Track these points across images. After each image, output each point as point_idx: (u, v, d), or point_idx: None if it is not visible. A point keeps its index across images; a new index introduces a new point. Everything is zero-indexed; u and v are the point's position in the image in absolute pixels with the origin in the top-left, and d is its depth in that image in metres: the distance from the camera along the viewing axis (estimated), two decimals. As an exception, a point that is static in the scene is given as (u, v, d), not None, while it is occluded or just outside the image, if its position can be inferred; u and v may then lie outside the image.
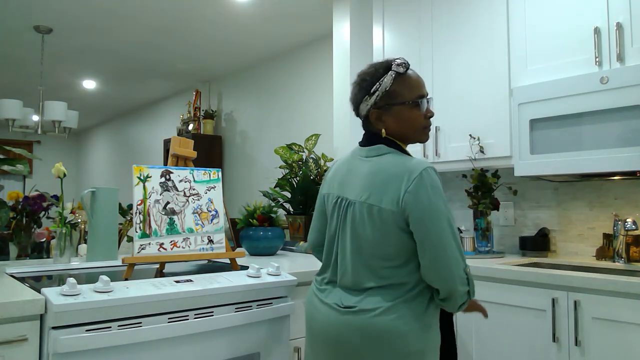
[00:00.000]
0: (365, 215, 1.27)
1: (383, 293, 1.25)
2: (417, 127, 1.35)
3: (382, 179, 1.27)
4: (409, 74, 1.35)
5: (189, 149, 1.92)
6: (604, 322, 1.70)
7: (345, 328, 1.25)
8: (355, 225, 1.30)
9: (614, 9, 2.01)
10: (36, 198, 2.32)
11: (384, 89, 1.32)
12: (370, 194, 1.27)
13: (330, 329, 1.29)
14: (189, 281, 1.56)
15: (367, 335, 1.22)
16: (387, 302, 1.23)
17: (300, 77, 4.45)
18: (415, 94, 1.34)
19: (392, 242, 1.25)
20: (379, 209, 1.25)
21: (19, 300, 1.25)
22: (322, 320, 1.32)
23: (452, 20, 2.58)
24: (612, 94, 1.94)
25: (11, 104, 3.92)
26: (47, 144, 8.98)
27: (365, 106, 1.36)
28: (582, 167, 2.01)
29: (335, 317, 1.28)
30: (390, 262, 1.26)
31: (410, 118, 1.34)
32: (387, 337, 1.21)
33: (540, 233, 2.47)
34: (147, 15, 3.73)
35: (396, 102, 1.33)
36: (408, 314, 1.23)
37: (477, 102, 2.46)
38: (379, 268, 1.26)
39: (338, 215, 1.37)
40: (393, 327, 1.21)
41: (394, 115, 1.34)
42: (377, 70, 1.35)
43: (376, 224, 1.25)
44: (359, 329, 1.23)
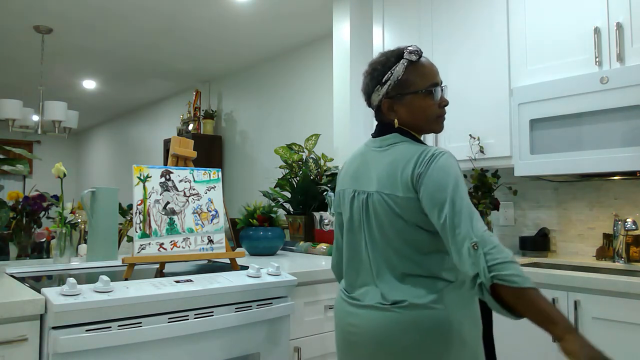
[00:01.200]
0: (387, 206, 1.23)
1: (427, 282, 1.20)
2: (430, 117, 1.30)
3: (396, 166, 1.23)
4: (422, 61, 1.31)
5: (189, 149, 1.92)
6: (604, 322, 1.70)
7: (396, 325, 1.18)
8: (379, 217, 1.25)
9: (614, 9, 2.01)
10: (36, 198, 2.32)
11: (396, 78, 1.28)
12: (388, 183, 1.23)
13: (377, 331, 1.21)
14: (189, 281, 1.56)
15: (422, 329, 1.16)
16: (434, 291, 1.19)
17: (300, 77, 4.45)
18: (428, 82, 1.29)
19: (417, 229, 1.21)
20: (398, 197, 1.21)
21: (19, 300, 1.25)
22: (365, 326, 1.23)
23: (452, 20, 2.58)
24: (612, 94, 1.94)
25: (11, 104, 3.92)
26: (47, 144, 8.98)
27: (377, 96, 1.32)
28: (582, 167, 2.01)
29: (382, 316, 1.21)
30: (424, 248, 1.21)
31: (423, 107, 1.29)
32: (442, 329, 1.16)
33: (540, 233, 2.47)
34: (147, 15, 3.73)
35: (408, 92, 1.29)
36: (459, 303, 1.19)
37: (477, 102, 2.46)
38: (416, 256, 1.21)
39: (359, 210, 1.32)
40: (446, 317, 1.16)
41: (406, 104, 1.30)
42: (389, 59, 1.31)
43: (399, 213, 1.21)
44: (412, 324, 1.17)
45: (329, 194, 2.78)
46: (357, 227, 1.33)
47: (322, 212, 2.76)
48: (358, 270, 1.33)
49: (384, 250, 1.26)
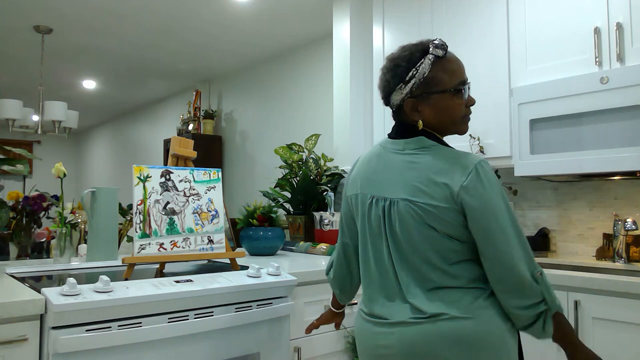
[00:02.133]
0: (417, 215, 1.13)
1: (464, 292, 1.12)
2: (457, 118, 1.21)
3: (429, 175, 1.13)
4: (449, 57, 1.20)
5: (189, 149, 1.92)
6: (604, 322, 1.70)
7: (437, 339, 1.09)
8: (407, 226, 1.15)
9: (614, 9, 2.01)
10: (36, 198, 2.33)
11: (422, 75, 1.17)
12: (420, 192, 1.13)
13: (416, 347, 1.10)
14: (189, 281, 1.56)
15: (467, 343, 1.08)
16: (473, 300, 1.10)
17: (300, 77, 4.45)
18: (456, 80, 1.19)
19: (449, 238, 1.13)
20: (432, 206, 1.11)
21: (19, 300, 1.25)
22: (401, 344, 1.12)
23: (452, 20, 2.58)
24: (612, 94, 1.94)
25: (11, 104, 3.92)
26: (47, 144, 8.98)
27: (399, 95, 1.20)
28: (582, 167, 2.01)
29: (420, 331, 1.11)
30: (454, 257, 1.13)
31: (451, 107, 1.19)
32: (487, 340, 1.08)
33: (540, 233, 2.47)
34: (147, 15, 3.73)
35: (435, 91, 1.18)
36: (498, 310, 1.11)
37: (477, 102, 2.45)
38: (447, 266, 1.13)
39: (379, 218, 1.21)
40: (490, 327, 1.09)
41: (432, 104, 1.19)
42: (413, 54, 1.20)
43: (431, 222, 1.12)
44: (456, 339, 1.08)
45: (329, 194, 2.78)
46: (377, 237, 1.22)
47: (322, 212, 2.76)
48: (379, 285, 1.21)
49: (411, 262, 1.16)
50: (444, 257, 1.14)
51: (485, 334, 1.09)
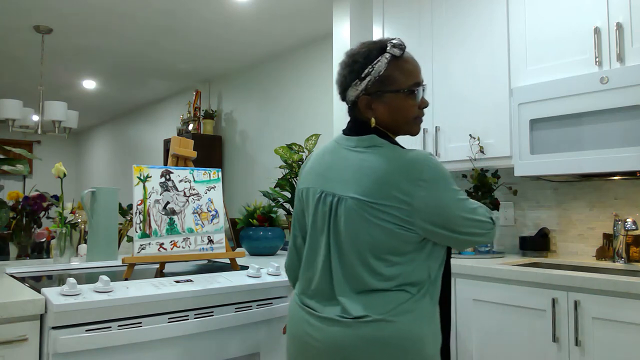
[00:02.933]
0: (361, 213, 1.14)
1: (391, 295, 1.14)
2: (409, 118, 1.22)
3: (381, 174, 1.14)
4: (406, 57, 1.21)
5: (189, 149, 1.92)
6: (604, 322, 1.70)
7: (359, 341, 1.12)
8: (349, 224, 1.16)
9: (614, 9, 2.01)
10: (36, 198, 2.33)
11: (377, 73, 1.18)
12: (367, 190, 1.14)
13: (339, 347, 1.13)
14: (189, 281, 1.56)
15: (385, 345, 1.11)
16: (396, 305, 1.13)
17: (300, 77, 4.45)
18: (411, 81, 1.20)
19: (394, 240, 1.13)
20: (379, 205, 1.12)
21: (19, 300, 1.25)
22: (326, 340, 1.15)
23: (452, 20, 2.58)
24: (612, 94, 1.94)
25: (11, 104, 3.92)
26: (47, 144, 8.98)
27: (355, 91, 1.22)
28: (582, 167, 2.01)
29: (342, 332, 1.13)
30: (393, 259, 1.15)
31: (404, 107, 1.21)
32: (405, 344, 1.11)
33: (540, 233, 2.46)
34: (147, 15, 3.73)
35: (390, 89, 1.19)
36: (421, 315, 1.14)
37: (477, 102, 2.46)
38: (382, 268, 1.14)
39: (324, 213, 1.22)
40: (409, 331, 1.12)
41: (385, 103, 1.20)
42: (371, 52, 1.20)
43: (375, 222, 1.13)
44: (375, 341, 1.11)
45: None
46: (320, 232, 1.23)
47: (322, 212, 2.76)
48: (314, 277, 1.23)
49: (349, 260, 1.17)
50: (381, 259, 1.15)
51: (404, 338, 1.11)
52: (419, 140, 2.68)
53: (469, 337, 2.09)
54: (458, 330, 2.13)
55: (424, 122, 2.66)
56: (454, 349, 2.13)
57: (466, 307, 2.09)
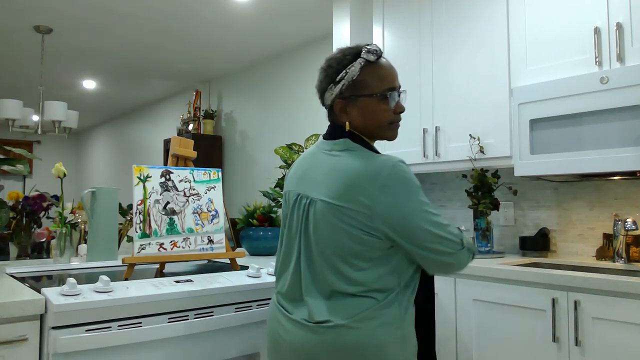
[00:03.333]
0: (329, 216, 1.15)
1: (356, 301, 1.13)
2: (382, 122, 1.23)
3: (349, 179, 1.14)
4: (381, 63, 1.23)
5: (189, 149, 1.92)
6: (604, 322, 1.70)
7: (319, 346, 1.13)
8: (318, 226, 1.17)
9: (614, 9, 2.01)
10: (36, 198, 2.33)
11: (351, 77, 1.21)
12: (335, 193, 1.15)
13: (301, 350, 1.16)
14: (189, 281, 1.56)
15: (345, 351, 1.11)
16: (359, 311, 1.12)
17: (300, 77, 4.45)
18: (384, 86, 1.22)
19: (360, 244, 1.13)
20: (346, 209, 1.13)
21: (19, 300, 1.25)
22: (291, 342, 1.18)
23: (452, 20, 2.58)
24: (612, 94, 1.94)
25: (11, 104, 3.92)
26: (47, 144, 8.98)
27: (330, 95, 1.25)
28: (582, 167, 2.01)
29: (306, 335, 1.15)
30: (360, 264, 1.14)
31: (377, 112, 1.22)
32: (365, 351, 1.11)
33: (540, 233, 2.46)
34: (148, 15, 3.73)
35: (362, 94, 1.21)
36: (386, 322, 1.13)
37: (477, 102, 2.46)
38: (349, 272, 1.14)
39: (299, 215, 1.23)
40: (371, 338, 1.11)
41: (359, 107, 1.22)
42: (345, 57, 1.23)
43: (341, 225, 1.14)
44: (335, 347, 1.12)
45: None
46: (294, 234, 1.25)
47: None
48: (287, 279, 1.26)
49: (317, 263, 1.18)
50: (348, 263, 1.15)
51: (364, 345, 1.11)
52: (419, 140, 2.68)
53: (469, 337, 2.09)
54: (458, 330, 2.13)
55: (424, 121, 2.67)
56: (453, 349, 2.13)
57: (466, 307, 2.09)
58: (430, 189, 3.05)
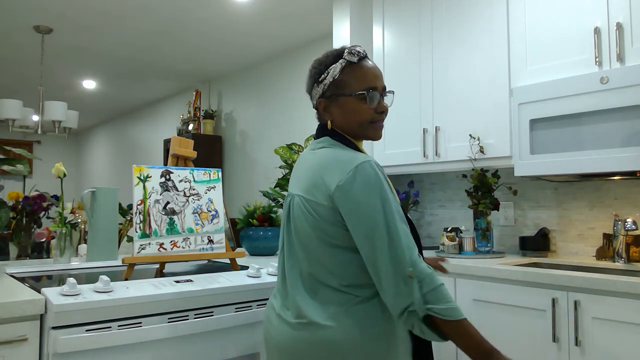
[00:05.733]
0: (307, 211, 1.19)
1: (337, 296, 1.16)
2: (362, 121, 1.25)
3: (317, 172, 1.20)
4: (363, 64, 1.26)
5: (189, 149, 1.92)
6: (604, 322, 1.70)
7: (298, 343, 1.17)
8: (298, 222, 1.22)
9: (614, 9, 2.01)
10: (36, 198, 2.33)
11: (332, 77, 1.25)
12: (305, 186, 1.21)
13: (281, 346, 1.21)
14: (189, 281, 1.56)
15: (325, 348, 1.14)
16: (341, 306, 1.15)
17: (300, 77, 4.44)
18: (363, 85, 1.24)
19: (330, 236, 1.16)
20: (315, 204, 1.17)
21: (19, 300, 1.25)
22: (277, 338, 1.23)
23: (452, 20, 2.58)
24: (612, 94, 1.94)
25: (11, 104, 3.92)
26: (47, 144, 8.98)
27: (315, 95, 1.30)
28: (582, 167, 2.01)
29: (289, 332, 1.19)
30: (336, 255, 1.17)
31: (356, 111, 1.25)
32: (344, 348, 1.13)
33: (540, 233, 2.47)
34: (148, 15, 3.73)
35: (342, 93, 1.25)
36: (365, 319, 1.15)
37: (477, 102, 2.46)
38: (327, 262, 1.17)
39: (284, 213, 1.31)
40: (349, 336, 1.13)
41: (340, 106, 1.26)
42: (328, 58, 1.28)
43: (311, 217, 1.18)
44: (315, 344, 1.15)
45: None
46: (282, 231, 1.31)
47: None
48: (279, 275, 1.31)
49: (298, 258, 1.23)
50: (326, 253, 1.17)
51: (343, 342, 1.13)
52: (419, 140, 2.68)
53: (469, 337, 2.08)
54: (458, 330, 2.12)
55: (424, 121, 2.67)
56: (453, 349, 2.13)
57: (466, 307, 2.09)
58: (430, 189, 3.05)
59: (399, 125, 2.77)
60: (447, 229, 2.52)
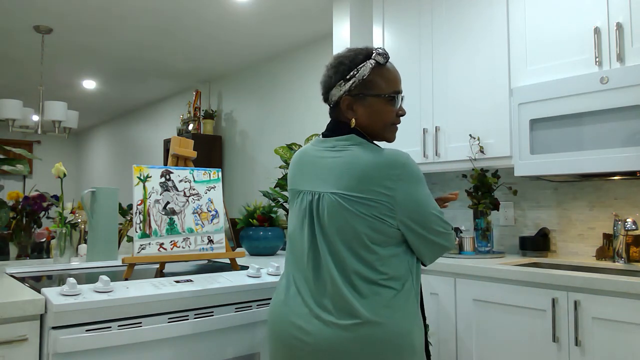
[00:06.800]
0: (343, 206, 1.20)
1: (380, 291, 1.18)
2: (386, 123, 1.30)
3: (364, 170, 1.19)
4: (388, 66, 1.30)
5: (189, 149, 1.92)
6: (604, 322, 1.70)
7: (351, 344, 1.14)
8: (334, 217, 1.21)
9: (614, 9, 2.01)
10: (36, 198, 2.33)
11: (361, 76, 1.26)
12: (349, 185, 1.20)
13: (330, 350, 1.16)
14: (189, 281, 1.56)
15: (379, 345, 1.14)
16: (386, 302, 1.17)
17: (300, 77, 4.45)
18: (391, 88, 1.29)
19: (374, 231, 1.19)
20: (366, 200, 1.18)
21: (19, 300, 1.25)
22: (316, 342, 1.17)
23: (452, 20, 2.58)
24: (612, 94, 1.94)
25: (11, 104, 3.92)
26: (47, 144, 8.98)
27: (338, 91, 1.29)
28: (582, 167, 2.02)
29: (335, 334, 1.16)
30: (377, 250, 1.19)
31: (382, 112, 1.28)
32: (397, 342, 1.16)
33: (540, 233, 2.47)
34: (148, 15, 3.73)
35: (371, 93, 1.27)
36: (408, 312, 1.20)
37: (477, 102, 2.46)
38: (369, 257, 1.19)
39: (304, 211, 1.28)
40: (399, 329, 1.16)
41: (366, 106, 1.28)
42: (357, 56, 1.29)
43: (357, 214, 1.19)
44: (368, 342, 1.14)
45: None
46: (300, 229, 1.29)
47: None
48: (303, 276, 1.27)
49: (339, 256, 1.21)
50: (368, 248, 1.20)
51: (395, 337, 1.16)
52: (419, 140, 2.68)
53: (469, 337, 2.09)
54: (458, 330, 2.13)
55: (424, 121, 2.67)
56: (453, 349, 2.13)
57: (466, 307, 2.09)
58: (430, 189, 3.05)
59: (399, 125, 2.77)
60: (447, 229, 2.51)
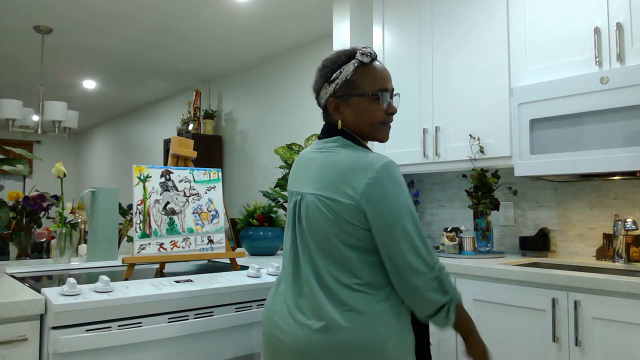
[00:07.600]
0: (318, 207, 1.19)
1: (354, 296, 1.15)
2: (374, 122, 1.27)
3: (338, 171, 1.18)
4: (374, 65, 1.28)
5: (189, 149, 1.92)
6: (604, 322, 1.70)
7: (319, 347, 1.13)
8: (310, 219, 1.21)
9: (614, 9, 2.01)
10: (36, 198, 2.33)
11: (344, 77, 1.25)
12: (323, 185, 1.20)
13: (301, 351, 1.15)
14: (189, 281, 1.56)
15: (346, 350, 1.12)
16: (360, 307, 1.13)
17: (300, 77, 4.45)
18: (376, 86, 1.26)
19: (348, 235, 1.16)
20: (335, 202, 1.16)
21: (19, 300, 1.25)
22: (290, 342, 1.18)
23: (452, 20, 2.58)
24: (612, 94, 1.94)
25: (11, 104, 3.92)
26: (47, 144, 8.98)
27: (325, 94, 1.29)
28: (582, 167, 2.01)
29: (305, 336, 1.15)
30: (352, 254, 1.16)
31: (368, 111, 1.26)
32: (366, 349, 1.11)
33: (540, 233, 2.46)
34: (148, 15, 3.73)
35: (355, 93, 1.25)
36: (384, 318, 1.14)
37: (477, 102, 2.46)
38: (343, 260, 1.17)
39: (291, 212, 1.29)
40: (370, 336, 1.12)
41: (351, 106, 1.26)
42: (340, 57, 1.28)
43: (329, 216, 1.17)
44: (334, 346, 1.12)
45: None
46: (289, 230, 1.30)
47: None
48: (285, 275, 1.28)
49: (313, 258, 1.20)
50: (342, 252, 1.17)
51: (364, 343, 1.11)
52: (419, 140, 2.68)
53: (469, 337, 2.08)
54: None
55: (424, 121, 2.67)
56: (453, 349, 2.13)
57: (466, 307, 2.08)
58: (430, 189, 3.05)
59: (399, 125, 2.77)
60: (447, 229, 2.52)
